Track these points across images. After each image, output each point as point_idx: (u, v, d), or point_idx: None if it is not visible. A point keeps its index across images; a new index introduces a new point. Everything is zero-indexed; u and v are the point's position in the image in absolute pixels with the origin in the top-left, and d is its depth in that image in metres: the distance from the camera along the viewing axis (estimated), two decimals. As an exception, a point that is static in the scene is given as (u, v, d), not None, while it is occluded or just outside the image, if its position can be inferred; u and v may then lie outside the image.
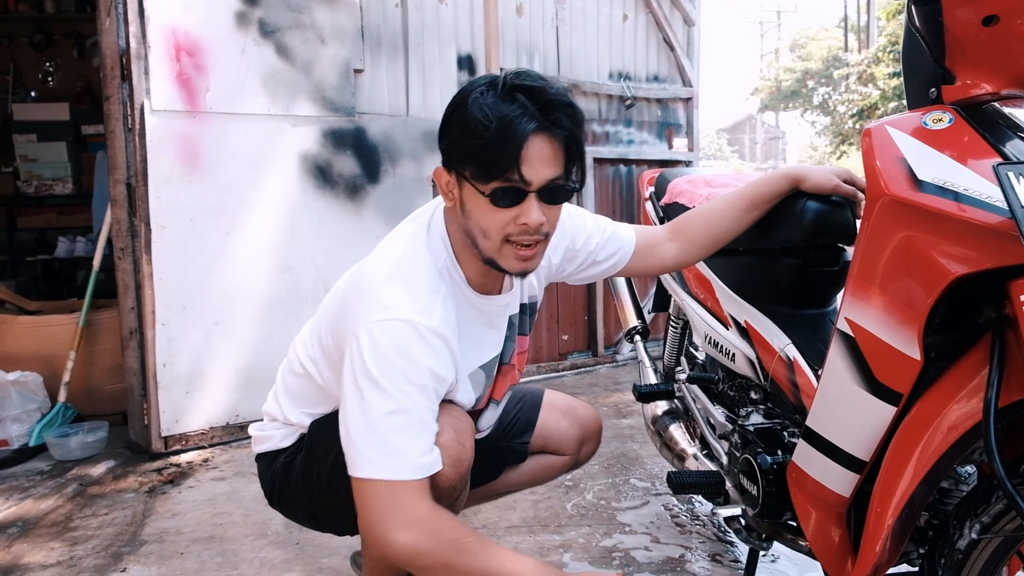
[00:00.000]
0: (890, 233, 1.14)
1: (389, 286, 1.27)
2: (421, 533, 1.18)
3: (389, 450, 1.20)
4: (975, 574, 1.13)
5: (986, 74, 1.14)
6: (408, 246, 1.35)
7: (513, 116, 1.19)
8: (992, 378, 1.06)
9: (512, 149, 1.19)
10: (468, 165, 1.23)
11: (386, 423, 1.20)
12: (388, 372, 1.21)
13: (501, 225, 1.25)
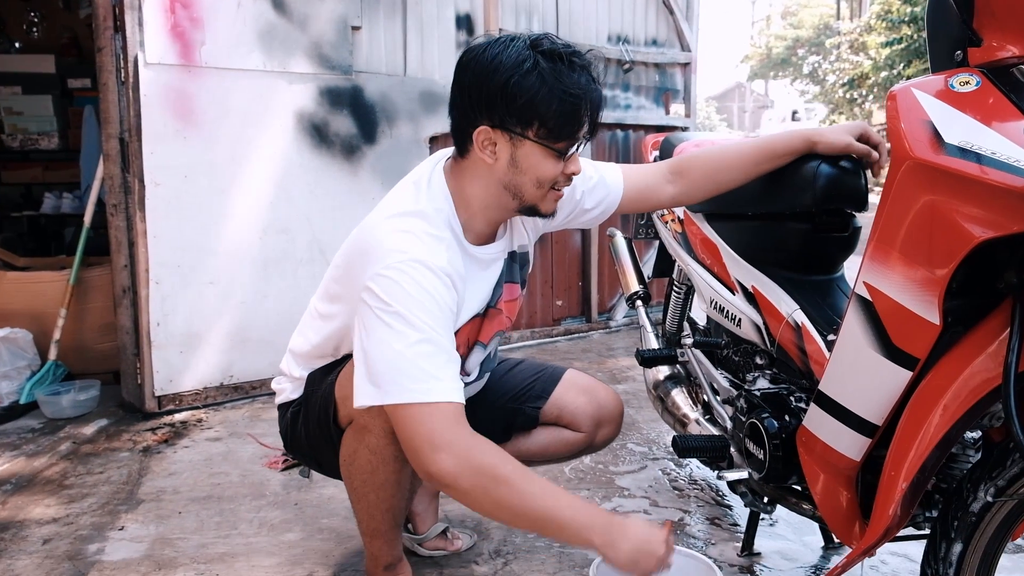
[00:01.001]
0: (914, 196, 1.13)
1: (397, 235, 1.35)
2: (460, 458, 1.23)
3: (421, 375, 1.26)
4: (988, 536, 1.14)
5: (1014, 36, 1.12)
6: (411, 201, 1.42)
7: (589, 88, 1.35)
8: (1013, 342, 1.06)
9: (586, 114, 1.36)
10: (539, 127, 1.34)
11: (415, 350, 1.27)
12: (410, 305, 1.28)
13: (555, 175, 1.40)
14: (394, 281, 1.29)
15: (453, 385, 1.28)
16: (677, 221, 2.06)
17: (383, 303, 1.28)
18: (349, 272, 1.44)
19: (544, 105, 1.32)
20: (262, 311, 3.13)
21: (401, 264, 1.30)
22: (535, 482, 1.26)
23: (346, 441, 1.48)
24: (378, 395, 1.28)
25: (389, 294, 1.28)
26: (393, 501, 1.49)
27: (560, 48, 1.35)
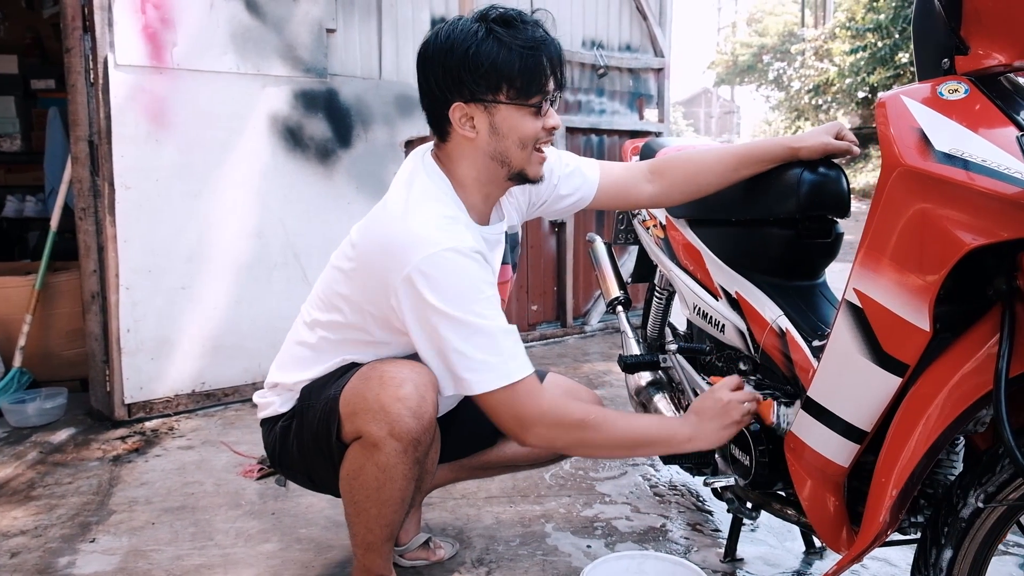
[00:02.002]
0: (904, 203, 1.14)
1: (416, 226, 1.36)
2: (547, 426, 1.37)
3: (490, 363, 1.34)
4: (978, 542, 1.15)
5: (1000, 45, 1.13)
6: (414, 192, 1.43)
7: (542, 39, 1.38)
8: (1003, 348, 1.07)
9: (550, 65, 1.39)
10: (508, 89, 1.37)
11: (472, 344, 1.33)
12: (454, 300, 1.33)
13: (536, 132, 1.42)
14: (433, 279, 1.32)
15: (518, 360, 1.37)
16: (659, 227, 2.06)
17: (428, 302, 1.32)
18: (368, 272, 1.43)
19: (507, 65, 1.36)
20: (235, 317, 3.08)
21: (435, 258, 1.32)
22: (617, 420, 1.42)
23: (351, 456, 1.44)
24: (457, 387, 1.38)
25: (431, 291, 1.32)
26: (394, 516, 1.47)
27: (508, 11, 1.39)
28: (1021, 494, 1.09)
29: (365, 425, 1.38)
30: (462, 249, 1.34)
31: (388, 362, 1.44)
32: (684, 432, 1.43)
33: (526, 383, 1.36)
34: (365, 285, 1.43)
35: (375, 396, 1.38)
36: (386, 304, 1.39)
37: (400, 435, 1.38)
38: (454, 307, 1.32)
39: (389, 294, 1.36)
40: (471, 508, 2.19)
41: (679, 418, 1.47)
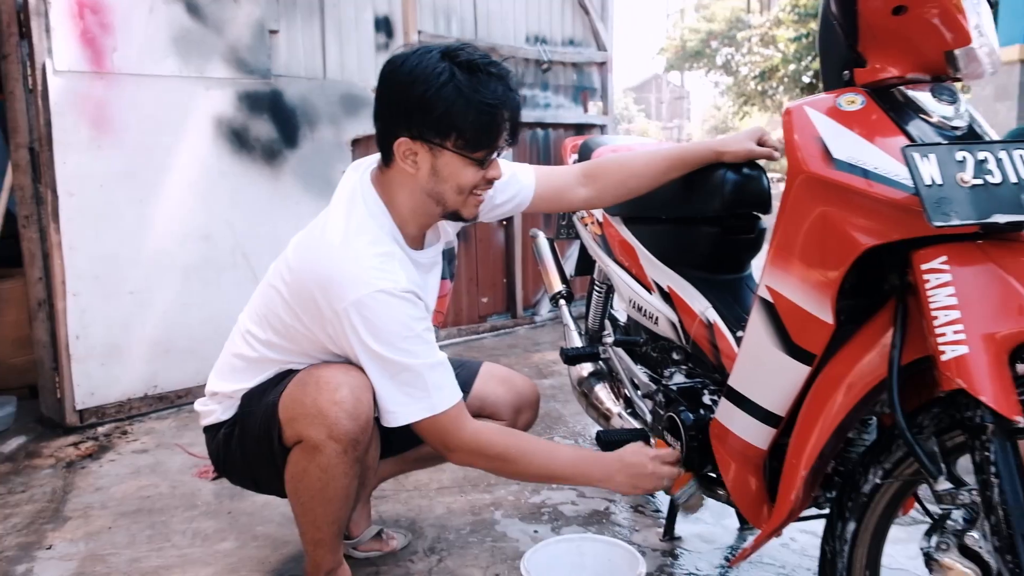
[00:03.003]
0: (808, 207, 1.23)
1: (351, 265, 1.41)
2: (469, 452, 1.49)
3: (419, 395, 1.44)
4: (878, 514, 1.26)
5: (894, 59, 1.23)
6: (352, 223, 1.47)
7: (505, 97, 1.41)
8: (896, 339, 1.17)
9: (503, 124, 1.43)
10: (457, 138, 1.40)
11: (400, 379, 1.43)
12: (385, 339, 1.41)
13: (476, 181, 1.47)
14: (365, 318, 1.40)
15: (444, 392, 1.46)
16: (597, 224, 2.14)
17: (362, 339, 1.41)
18: (303, 301, 1.48)
19: (461, 117, 1.38)
20: (185, 319, 3.10)
21: (367, 299, 1.39)
22: (535, 451, 1.53)
23: (294, 460, 1.50)
24: (391, 418, 1.47)
25: (367, 332, 1.40)
26: (339, 513, 1.53)
27: (477, 58, 1.40)
28: (914, 470, 1.20)
29: (305, 429, 1.45)
30: (394, 291, 1.40)
31: (324, 367, 1.50)
32: (597, 475, 1.54)
33: (450, 414, 1.46)
34: (301, 313, 1.49)
35: (312, 401, 1.44)
36: (322, 332, 1.47)
37: (339, 437, 1.44)
38: (384, 347, 1.41)
39: (325, 324, 1.45)
40: (423, 499, 2.26)
41: (598, 458, 1.55)
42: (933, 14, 1.17)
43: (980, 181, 1.08)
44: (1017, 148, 1.12)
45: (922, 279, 1.13)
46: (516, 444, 1.52)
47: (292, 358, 1.58)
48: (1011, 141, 1.13)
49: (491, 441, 1.50)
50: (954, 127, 1.19)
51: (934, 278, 1.12)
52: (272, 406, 1.51)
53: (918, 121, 1.19)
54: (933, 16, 1.17)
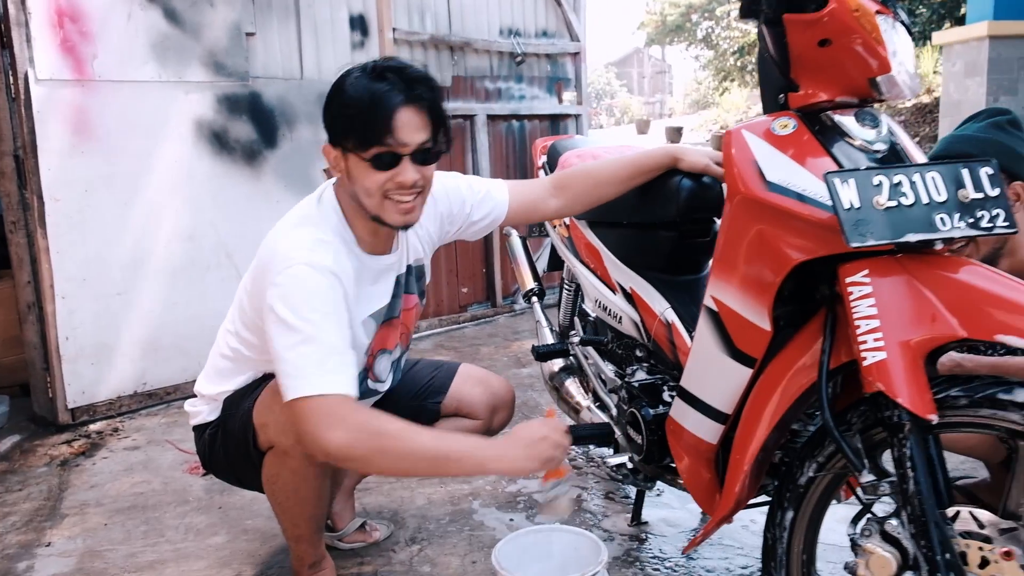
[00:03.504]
0: (745, 225, 1.34)
1: (288, 247, 1.48)
2: (350, 428, 1.34)
3: (306, 373, 1.37)
4: (813, 503, 1.38)
5: (823, 85, 1.33)
6: (302, 219, 1.57)
7: (383, 91, 1.42)
8: (825, 344, 1.29)
9: (385, 118, 1.42)
10: (349, 138, 1.45)
11: (299, 351, 1.39)
12: (295, 308, 1.41)
13: (380, 184, 1.47)
14: (281, 287, 1.43)
15: (339, 378, 1.38)
16: (564, 227, 2.25)
17: (275, 309, 1.42)
18: (253, 292, 1.58)
19: (347, 117, 1.44)
20: (172, 318, 3.19)
21: (288, 270, 1.43)
22: (422, 432, 1.40)
23: (268, 464, 1.61)
24: (285, 392, 1.39)
25: (280, 300, 1.42)
26: (315, 511, 1.64)
27: (390, 65, 1.46)
28: (844, 463, 1.32)
29: (275, 436, 1.56)
30: (315, 265, 1.44)
31: None
32: (492, 452, 1.42)
33: (340, 396, 1.37)
34: (252, 306, 1.58)
35: (281, 409, 1.49)
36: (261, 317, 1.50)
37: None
38: (292, 314, 1.40)
39: (262, 307, 1.48)
40: (405, 491, 2.38)
41: (488, 440, 1.49)
42: (855, 45, 1.27)
43: (894, 203, 1.19)
44: (929, 171, 1.22)
45: (846, 291, 1.24)
46: (402, 422, 1.40)
47: (265, 358, 1.63)
48: (923, 164, 1.24)
49: (374, 415, 1.40)
50: (875, 150, 1.29)
51: (857, 290, 1.23)
52: (248, 412, 1.61)
53: (843, 144, 1.30)
54: (856, 46, 1.27)
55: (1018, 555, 1.15)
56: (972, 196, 1.22)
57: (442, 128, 1.52)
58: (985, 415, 1.21)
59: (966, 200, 1.22)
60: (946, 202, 1.21)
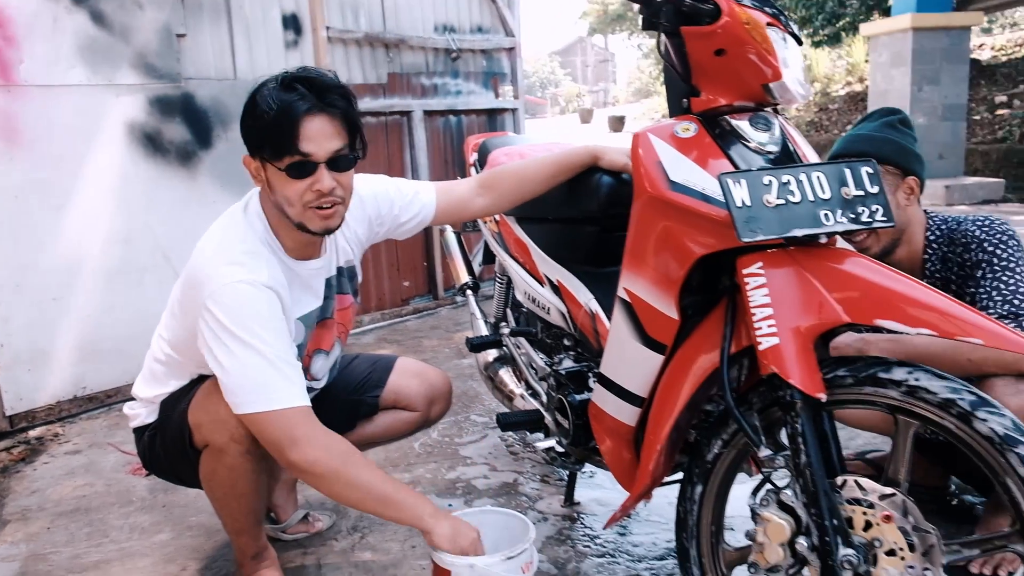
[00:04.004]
0: (652, 222, 1.44)
1: (218, 262, 1.52)
2: (316, 448, 1.46)
3: (263, 387, 1.46)
4: (720, 478, 1.49)
5: (722, 90, 1.44)
6: (228, 229, 1.61)
7: (291, 101, 1.46)
8: (726, 331, 1.39)
9: (292, 128, 1.46)
10: (263, 148, 1.49)
11: (252, 365, 1.46)
12: (242, 324, 1.47)
13: (299, 193, 1.51)
14: (224, 305, 1.47)
15: (294, 390, 1.48)
16: (495, 222, 2.33)
17: (220, 325, 1.47)
18: (184, 304, 1.63)
19: (260, 128, 1.48)
20: (110, 321, 3.19)
21: (226, 288, 1.48)
22: (376, 472, 1.52)
23: (204, 461, 1.67)
24: (234, 407, 1.49)
25: (221, 318, 1.47)
26: (253, 505, 1.70)
27: (292, 74, 1.50)
28: (745, 441, 1.44)
29: (210, 435, 1.61)
30: (253, 282, 1.49)
31: None
32: (427, 517, 1.49)
33: (300, 409, 1.47)
34: (184, 317, 1.62)
35: (215, 408, 1.57)
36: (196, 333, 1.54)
37: (240, 439, 1.58)
38: (240, 330, 1.46)
39: (196, 324, 1.53)
40: (347, 483, 2.44)
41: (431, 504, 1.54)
42: (749, 54, 1.37)
43: (783, 201, 1.30)
44: (815, 171, 1.34)
45: (743, 281, 1.35)
46: (362, 456, 1.53)
47: (197, 361, 1.68)
48: (810, 165, 1.35)
49: (339, 443, 1.51)
50: (768, 151, 1.40)
51: (752, 280, 1.34)
52: (183, 412, 1.66)
53: (739, 146, 1.41)
54: (749, 55, 1.38)
55: (896, 518, 1.27)
56: (854, 193, 1.34)
57: (357, 135, 1.57)
58: (868, 392, 1.34)
59: (848, 197, 1.34)
60: (830, 199, 1.33)
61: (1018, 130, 8.86)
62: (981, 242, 1.82)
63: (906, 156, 1.93)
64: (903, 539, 1.26)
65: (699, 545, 1.53)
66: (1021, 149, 8.47)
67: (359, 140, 1.58)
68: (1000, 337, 1.20)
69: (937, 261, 1.92)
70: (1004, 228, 1.83)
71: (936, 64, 8.22)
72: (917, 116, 8.21)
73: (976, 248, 1.83)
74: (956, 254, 1.88)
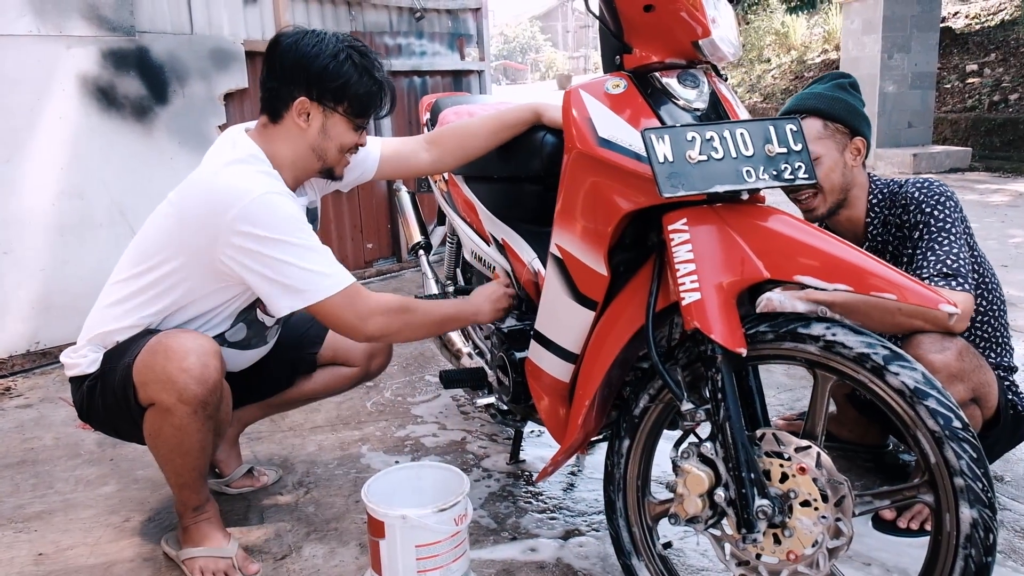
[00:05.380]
0: (581, 178, 1.45)
1: (234, 180, 1.59)
2: (383, 314, 1.66)
3: (322, 275, 1.59)
4: (647, 432, 1.52)
5: (653, 47, 1.44)
6: (232, 158, 1.64)
7: (388, 79, 1.73)
8: (652, 287, 1.41)
9: (382, 103, 1.73)
10: (348, 104, 1.67)
11: (308, 259, 1.59)
12: (285, 229, 1.57)
13: (354, 142, 1.73)
14: (262, 216, 1.55)
15: (343, 271, 1.64)
16: (444, 182, 2.33)
17: (262, 236, 1.55)
18: (192, 227, 1.62)
19: (355, 88, 1.66)
20: (63, 277, 3.16)
21: (258, 201, 1.55)
22: (427, 303, 1.79)
23: (150, 419, 1.65)
24: (301, 300, 1.59)
25: (266, 227, 1.55)
26: (198, 461, 1.70)
27: (364, 48, 1.71)
28: (670, 396, 1.46)
29: (156, 394, 1.60)
30: (278, 191, 1.61)
31: (172, 335, 1.64)
32: (471, 308, 1.83)
33: (356, 287, 1.64)
34: (189, 241, 1.62)
35: (162, 368, 1.58)
36: (213, 255, 1.59)
37: (188, 400, 1.59)
38: (286, 234, 1.56)
39: (216, 243, 1.57)
40: (296, 438, 2.46)
41: (467, 299, 1.87)
42: (677, 10, 1.37)
43: (705, 157, 1.31)
44: (739, 127, 1.35)
45: (669, 238, 1.36)
46: (408, 299, 1.75)
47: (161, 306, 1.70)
48: (734, 122, 1.36)
49: (392, 298, 1.70)
50: (696, 108, 1.41)
51: (677, 236, 1.35)
52: (128, 367, 1.65)
53: (669, 104, 1.41)
54: (678, 12, 1.37)
55: (811, 470, 1.30)
56: (777, 151, 1.35)
57: None
58: (788, 347, 1.36)
59: (772, 154, 1.35)
60: (753, 156, 1.34)
61: (987, 99, 8.92)
62: (920, 203, 1.85)
63: (855, 116, 1.94)
64: (817, 490, 1.30)
65: (625, 497, 1.56)
66: (990, 118, 8.54)
67: None
68: (911, 292, 1.22)
69: (879, 224, 1.95)
70: (943, 190, 1.86)
71: (907, 31, 8.24)
72: (887, 84, 8.24)
73: (915, 210, 1.85)
74: (895, 215, 1.91)
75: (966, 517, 1.21)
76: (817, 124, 1.92)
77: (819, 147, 1.90)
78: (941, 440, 1.22)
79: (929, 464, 1.25)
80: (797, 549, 1.32)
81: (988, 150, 8.30)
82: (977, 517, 1.20)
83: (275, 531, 1.94)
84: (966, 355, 1.70)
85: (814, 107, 1.96)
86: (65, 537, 1.95)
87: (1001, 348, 1.92)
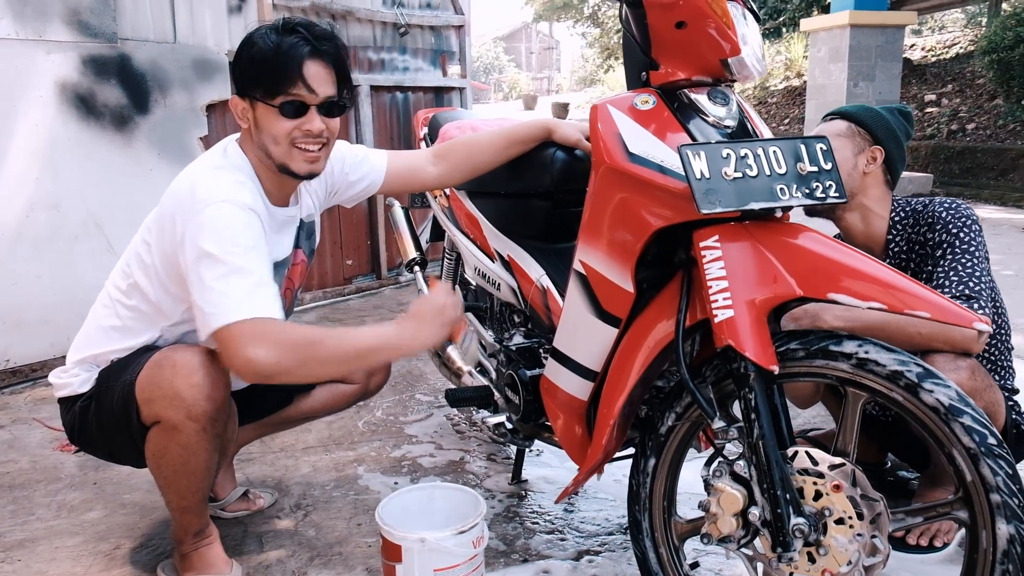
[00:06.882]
0: (609, 194, 1.43)
1: (201, 188, 1.52)
2: (273, 341, 1.40)
3: (232, 301, 1.41)
4: (673, 451, 1.50)
5: (681, 64, 1.43)
6: (213, 165, 1.60)
7: (293, 42, 1.52)
8: (681, 304, 1.40)
9: (294, 67, 1.51)
10: (258, 87, 1.53)
11: (228, 281, 1.42)
12: (220, 241, 1.45)
13: (287, 132, 1.55)
14: (205, 223, 1.46)
15: (267, 305, 1.43)
16: (445, 197, 2.30)
17: (198, 244, 1.45)
18: (163, 235, 1.56)
19: (257, 66, 1.53)
20: (36, 291, 3.04)
21: (209, 208, 1.47)
22: (337, 333, 1.49)
23: (154, 438, 1.58)
24: (210, 321, 1.42)
25: (204, 235, 1.45)
26: (203, 483, 1.63)
27: (299, 23, 1.55)
28: (698, 413, 1.45)
29: (163, 411, 1.53)
30: (236, 201, 1.50)
31: (179, 350, 1.57)
32: (407, 334, 1.53)
33: (263, 319, 1.41)
34: (163, 250, 1.57)
35: (169, 384, 1.51)
36: (177, 263, 1.52)
37: (197, 417, 1.53)
38: (219, 246, 1.44)
39: (177, 250, 1.50)
40: (289, 459, 2.39)
41: (395, 326, 1.55)
42: (709, 28, 1.37)
43: (740, 174, 1.31)
44: (771, 145, 1.35)
45: (700, 254, 1.35)
46: (318, 328, 1.51)
47: (156, 324, 1.65)
48: (767, 140, 1.36)
49: (292, 327, 1.47)
50: (726, 125, 1.41)
51: (709, 253, 1.34)
52: (130, 385, 1.57)
53: (698, 120, 1.41)
54: (709, 29, 1.37)
55: (845, 487, 1.29)
56: (808, 169, 1.35)
57: (347, 84, 1.61)
58: (819, 365, 1.35)
59: (803, 172, 1.35)
60: (786, 174, 1.34)
61: (946, 127, 9.18)
62: (947, 223, 1.85)
63: (882, 128, 1.94)
64: (852, 508, 1.29)
65: (651, 517, 1.54)
66: (949, 146, 8.79)
67: (348, 90, 1.61)
68: (946, 311, 1.23)
69: (902, 242, 1.94)
70: (969, 212, 1.87)
71: (871, 61, 8.45)
72: (853, 111, 8.41)
73: (940, 229, 1.85)
74: (920, 233, 1.90)
75: (1003, 533, 1.21)
76: (841, 124, 1.95)
77: (834, 143, 1.90)
78: (977, 457, 1.22)
79: (964, 481, 1.24)
80: (832, 567, 1.30)
81: (948, 176, 8.53)
82: (1014, 533, 1.20)
83: (276, 557, 1.88)
84: (978, 374, 1.71)
85: (846, 110, 1.99)
86: (52, 567, 1.86)
87: (1004, 371, 1.95)
